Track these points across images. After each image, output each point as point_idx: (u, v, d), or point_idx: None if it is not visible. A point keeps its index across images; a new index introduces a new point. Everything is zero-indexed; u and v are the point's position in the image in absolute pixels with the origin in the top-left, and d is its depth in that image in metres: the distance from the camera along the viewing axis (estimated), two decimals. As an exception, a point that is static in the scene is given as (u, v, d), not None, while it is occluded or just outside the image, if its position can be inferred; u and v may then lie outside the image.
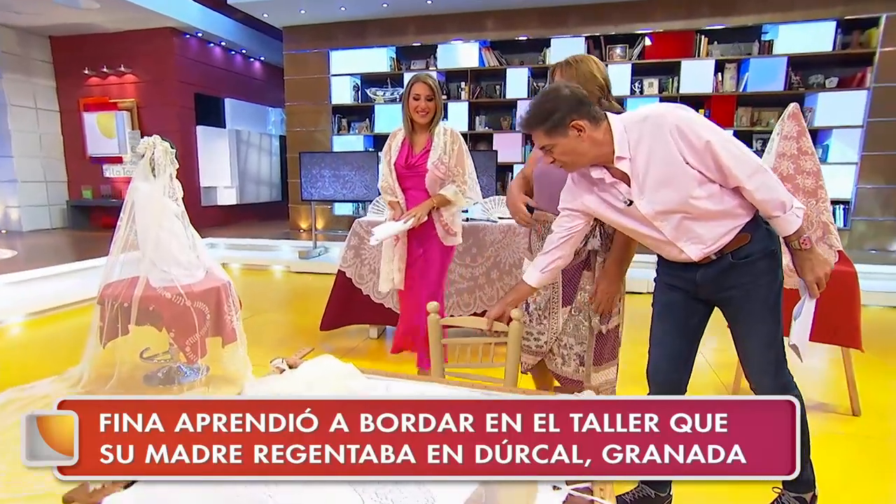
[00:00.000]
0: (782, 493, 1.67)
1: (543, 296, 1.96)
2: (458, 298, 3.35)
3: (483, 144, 7.13)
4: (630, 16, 6.59)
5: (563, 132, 1.49)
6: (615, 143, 1.49)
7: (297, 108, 7.62)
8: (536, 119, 1.51)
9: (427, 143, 2.59)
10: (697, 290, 1.62)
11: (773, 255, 1.54)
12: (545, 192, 1.93)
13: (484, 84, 7.10)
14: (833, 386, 2.96)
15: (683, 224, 1.51)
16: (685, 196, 1.47)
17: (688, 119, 1.44)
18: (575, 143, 1.50)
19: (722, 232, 1.50)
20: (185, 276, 2.67)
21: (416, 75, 2.52)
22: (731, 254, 1.52)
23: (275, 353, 2.96)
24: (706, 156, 1.43)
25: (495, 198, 3.73)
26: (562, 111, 1.48)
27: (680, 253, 1.56)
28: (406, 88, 2.54)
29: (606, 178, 1.54)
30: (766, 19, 6.33)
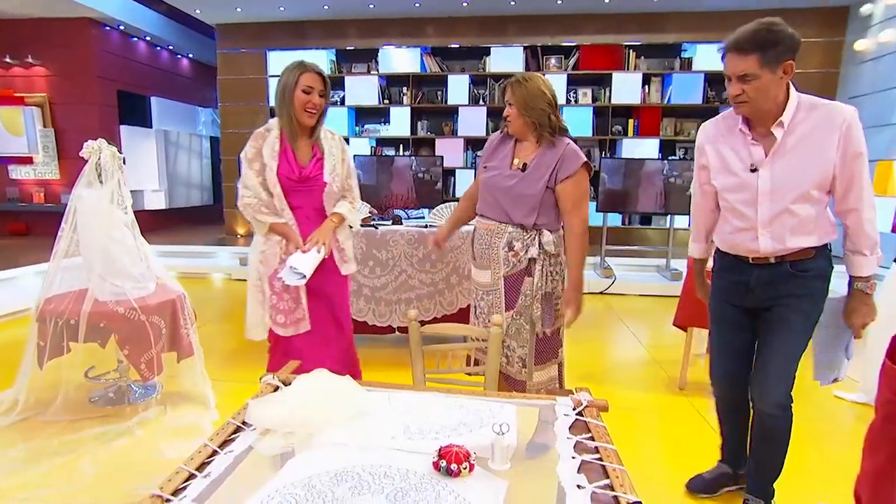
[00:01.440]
0: (749, 499, 1.81)
1: (487, 301, 2.08)
2: (419, 304, 3.39)
3: (425, 150, 7.20)
4: (565, 28, 6.90)
5: (774, 67, 1.46)
6: (787, 108, 1.51)
7: (232, 109, 7.32)
8: (756, 44, 1.44)
9: (314, 149, 2.12)
10: (748, 297, 1.69)
11: (825, 278, 1.63)
12: (489, 199, 2.06)
13: (425, 89, 7.16)
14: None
15: (781, 216, 1.56)
16: (807, 188, 1.52)
17: (859, 126, 1.49)
18: (776, 83, 1.48)
19: (801, 241, 1.58)
20: (136, 289, 2.52)
21: (303, 63, 2.02)
22: (790, 263, 1.61)
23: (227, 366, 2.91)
24: (851, 164, 1.50)
25: (452, 204, 3.80)
26: (785, 45, 1.45)
27: (752, 241, 1.61)
28: (289, 78, 1.99)
29: (748, 136, 1.58)
30: (686, 38, 6.85)
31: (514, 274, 2.02)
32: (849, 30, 6.60)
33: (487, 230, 2.05)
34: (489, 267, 2.06)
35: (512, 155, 2.05)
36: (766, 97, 1.51)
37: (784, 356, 1.65)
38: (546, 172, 1.97)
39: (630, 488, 1.01)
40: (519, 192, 1.98)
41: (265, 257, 2.10)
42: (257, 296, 2.12)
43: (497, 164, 2.06)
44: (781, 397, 1.67)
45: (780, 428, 1.70)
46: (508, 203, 2.00)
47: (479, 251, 2.08)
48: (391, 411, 1.33)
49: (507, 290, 2.03)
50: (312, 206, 2.13)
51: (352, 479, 1.02)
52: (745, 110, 1.57)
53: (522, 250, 1.99)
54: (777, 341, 1.66)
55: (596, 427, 1.27)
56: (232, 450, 1.14)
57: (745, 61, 1.47)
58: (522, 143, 2.06)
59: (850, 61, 6.56)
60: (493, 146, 2.14)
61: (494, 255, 2.03)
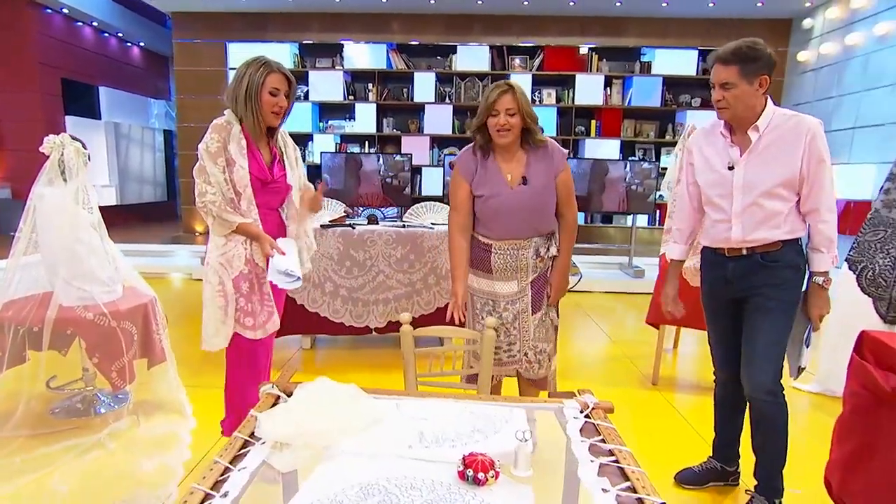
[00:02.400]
0: (753, 496, 1.88)
1: (512, 310, 2.03)
2: (397, 304, 3.36)
3: (391, 147, 7.14)
4: (530, 28, 7.00)
5: (751, 80, 1.68)
6: (762, 116, 1.73)
7: (191, 102, 7.03)
8: (739, 57, 1.68)
9: (272, 150, 2.05)
10: (728, 289, 1.86)
11: (795, 268, 1.79)
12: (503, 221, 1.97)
13: (391, 86, 7.10)
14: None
15: (751, 208, 1.77)
16: (772, 185, 1.73)
17: (822, 136, 1.71)
18: (752, 93, 1.70)
19: (769, 234, 1.77)
20: (104, 294, 2.39)
21: (268, 62, 1.90)
22: (760, 255, 1.78)
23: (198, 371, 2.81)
24: (815, 170, 1.70)
25: (427, 203, 3.79)
26: (762, 62, 1.68)
27: (727, 231, 1.81)
28: (254, 77, 1.88)
29: (728, 139, 1.80)
30: (645, 43, 7.08)
31: (539, 277, 2.05)
32: (792, 41, 6.99)
33: (513, 245, 2.00)
34: (514, 277, 2.03)
35: (500, 172, 1.98)
36: (744, 105, 1.71)
37: (765, 343, 1.79)
38: (549, 176, 1.98)
39: (652, 489, 1.04)
40: (534, 206, 1.97)
41: (228, 259, 1.95)
42: (218, 301, 1.95)
43: (490, 186, 1.97)
44: (769, 383, 1.78)
45: (773, 413, 1.80)
46: (529, 219, 1.98)
47: (500, 265, 2.01)
48: (402, 419, 1.31)
49: (534, 294, 2.04)
50: (269, 206, 2.04)
51: (379, 493, 1.01)
52: (725, 115, 1.78)
53: (546, 253, 2.04)
54: (757, 329, 1.81)
55: (606, 429, 1.30)
56: (245, 466, 1.10)
57: (727, 71, 1.70)
58: (504, 156, 1.98)
59: (793, 71, 6.96)
60: (472, 168, 2.00)
61: (522, 265, 2.01)
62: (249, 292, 1.99)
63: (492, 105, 1.90)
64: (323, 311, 3.31)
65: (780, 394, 1.81)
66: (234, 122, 1.93)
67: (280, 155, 2.06)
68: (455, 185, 2.04)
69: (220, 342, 1.99)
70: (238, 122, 1.94)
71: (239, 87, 1.91)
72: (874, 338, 1.76)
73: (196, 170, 1.92)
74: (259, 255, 1.99)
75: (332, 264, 3.29)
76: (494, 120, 1.90)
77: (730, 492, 2.07)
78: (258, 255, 1.99)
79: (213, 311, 1.96)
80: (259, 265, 1.99)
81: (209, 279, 1.98)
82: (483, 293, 2.08)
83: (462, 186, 2.02)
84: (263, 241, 1.96)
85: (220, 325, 1.97)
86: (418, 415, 1.33)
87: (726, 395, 2.05)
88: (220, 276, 1.96)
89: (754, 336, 1.82)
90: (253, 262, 1.98)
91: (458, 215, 2.03)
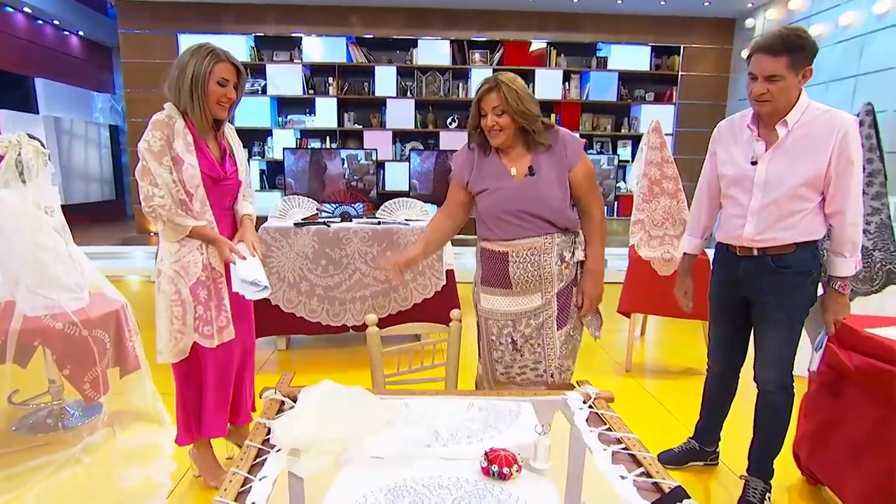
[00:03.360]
0: (749, 479, 1.95)
1: (534, 325, 1.82)
2: (374, 301, 3.35)
3: (353, 142, 7.04)
4: (489, 23, 7.04)
5: (797, 71, 1.59)
6: (794, 110, 1.64)
7: (141, 96, 6.69)
8: (788, 46, 1.56)
9: (221, 144, 1.91)
10: (739, 288, 1.83)
11: (808, 273, 1.73)
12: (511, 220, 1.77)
13: (352, 80, 6.99)
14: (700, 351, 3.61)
15: (769, 207, 1.70)
16: (796, 184, 1.65)
17: (856, 135, 1.62)
18: (796, 85, 1.61)
19: (782, 235, 1.71)
20: (72, 301, 2.26)
21: (215, 51, 1.76)
22: (771, 257, 1.73)
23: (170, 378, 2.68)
24: (843, 170, 1.61)
25: (400, 199, 3.78)
26: (807, 52, 1.58)
27: (741, 227, 1.76)
28: (200, 67, 1.73)
29: (754, 132, 1.72)
30: (601, 38, 7.26)
31: (567, 287, 1.83)
32: (736, 39, 7.33)
33: (531, 250, 1.78)
34: (538, 289, 1.80)
35: (503, 166, 1.79)
36: (787, 96, 1.62)
37: (776, 345, 1.80)
38: (562, 170, 1.77)
39: (665, 473, 1.10)
40: (543, 198, 1.74)
41: (183, 266, 1.82)
42: (174, 311, 1.83)
43: (492, 182, 1.79)
44: (779, 378, 1.81)
45: (780, 403, 1.85)
46: (540, 212, 1.76)
47: (520, 276, 1.79)
48: (414, 418, 1.32)
49: (560, 308, 1.83)
50: (222, 206, 1.90)
51: (408, 494, 1.02)
52: (767, 109, 1.66)
53: (571, 258, 1.83)
54: (768, 333, 1.81)
55: (611, 418, 1.35)
56: (265, 475, 1.09)
57: (776, 62, 1.58)
58: (507, 153, 1.80)
59: (738, 67, 7.30)
60: (471, 165, 1.83)
61: (547, 273, 1.79)
62: (207, 299, 1.87)
63: (477, 104, 1.74)
64: (299, 311, 3.25)
65: (790, 386, 1.83)
66: (176, 117, 1.79)
67: (229, 149, 1.94)
68: (450, 184, 1.90)
69: (179, 353, 1.89)
70: (181, 115, 1.79)
71: (182, 78, 1.76)
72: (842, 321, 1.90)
73: (139, 171, 1.76)
74: (217, 259, 1.87)
75: (307, 263, 3.23)
76: (484, 120, 1.74)
77: (711, 471, 2.18)
78: (215, 259, 1.86)
79: (169, 321, 1.85)
80: (217, 270, 1.87)
81: (163, 288, 1.85)
82: (500, 315, 1.84)
83: (455, 187, 1.87)
84: (221, 245, 1.84)
85: (177, 335, 1.86)
86: (429, 413, 1.35)
87: (718, 386, 2.10)
88: (175, 285, 1.83)
89: (766, 340, 1.81)
90: (210, 268, 1.86)
91: (446, 207, 1.91)
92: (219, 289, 1.89)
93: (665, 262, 3.32)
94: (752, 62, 1.65)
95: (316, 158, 5.38)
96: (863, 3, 5.34)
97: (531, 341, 1.84)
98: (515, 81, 1.73)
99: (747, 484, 1.94)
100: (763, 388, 1.86)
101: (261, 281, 1.83)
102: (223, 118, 1.88)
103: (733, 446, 2.19)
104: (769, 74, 1.60)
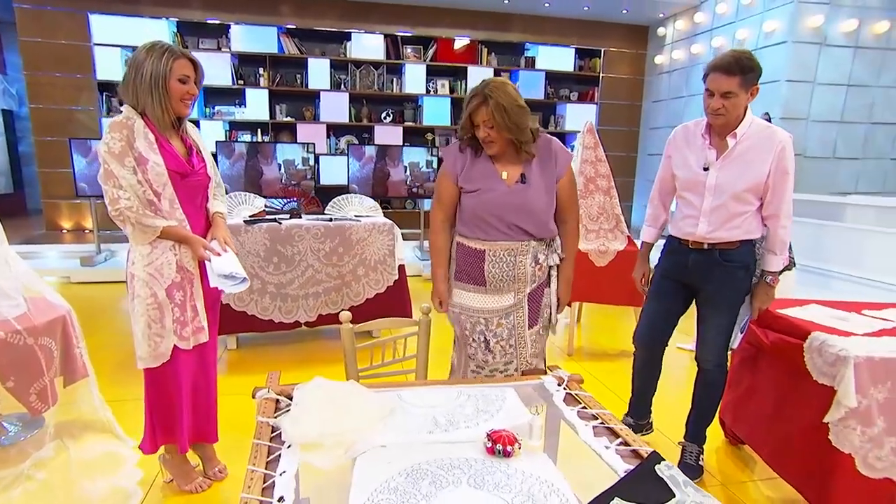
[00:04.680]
0: (686, 444, 2.20)
1: (506, 324, 1.91)
2: (327, 297, 3.36)
3: (285, 135, 6.87)
4: (424, 19, 7.11)
5: (747, 89, 1.81)
6: (742, 123, 1.88)
7: (46, 80, 6.10)
8: (741, 68, 1.78)
9: (185, 141, 1.89)
10: (686, 274, 2.05)
11: (748, 268, 1.99)
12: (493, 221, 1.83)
13: (283, 71, 6.80)
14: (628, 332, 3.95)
15: (719, 209, 1.92)
16: (741, 189, 1.88)
17: (791, 149, 1.88)
18: (745, 101, 1.83)
19: (730, 233, 1.94)
20: (11, 308, 2.11)
21: (170, 48, 1.74)
22: (719, 251, 1.97)
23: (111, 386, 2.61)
24: (779, 180, 1.87)
25: (348, 196, 3.80)
26: (756, 73, 1.81)
27: (694, 226, 1.97)
28: (158, 66, 1.71)
29: (707, 142, 1.94)
30: (529, 38, 7.56)
31: (538, 287, 1.93)
32: (649, 46, 7.92)
33: (508, 250, 1.85)
34: (511, 289, 1.88)
35: (495, 170, 1.85)
36: (736, 112, 1.85)
37: (716, 329, 2.05)
38: (551, 180, 1.86)
39: (641, 442, 1.28)
40: (533, 207, 1.83)
41: (157, 269, 1.79)
42: (151, 314, 1.80)
43: (483, 182, 1.84)
44: (717, 358, 2.07)
45: (718, 380, 2.11)
46: (527, 221, 1.84)
47: (495, 275, 1.86)
48: (411, 407, 1.41)
49: (530, 308, 1.92)
50: (193, 204, 1.87)
51: (427, 475, 1.12)
52: (720, 121, 1.88)
53: (545, 261, 1.92)
54: (707, 317, 2.06)
55: (585, 397, 1.52)
56: (284, 470, 1.14)
57: (729, 81, 1.80)
58: (500, 159, 1.87)
59: (651, 71, 7.90)
60: (461, 163, 1.88)
61: (521, 274, 1.87)
62: (183, 301, 1.85)
63: (469, 117, 1.79)
64: (251, 309, 3.20)
65: (725, 364, 2.10)
66: (134, 117, 1.75)
67: (195, 146, 1.91)
68: (441, 175, 1.93)
69: (160, 357, 1.85)
70: (139, 116, 1.76)
71: (139, 78, 1.73)
72: (757, 304, 2.20)
73: (102, 176, 1.73)
74: (190, 259, 1.84)
75: (258, 261, 3.18)
76: (476, 131, 1.80)
77: (648, 440, 2.45)
78: (188, 259, 1.84)
79: (147, 326, 1.80)
80: (190, 271, 1.85)
81: (138, 293, 1.80)
82: (473, 311, 1.92)
83: (447, 183, 1.90)
84: (194, 243, 1.81)
85: (156, 339, 1.83)
86: (423, 402, 1.44)
87: (645, 364, 2.33)
88: (151, 288, 1.80)
89: (708, 324, 2.05)
90: (184, 269, 1.84)
91: (442, 210, 1.93)
92: (192, 290, 1.86)
93: (601, 253, 3.60)
94: (709, 80, 1.86)
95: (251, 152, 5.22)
96: (755, 22, 5.98)
97: (502, 342, 1.91)
98: (505, 93, 1.74)
99: (684, 449, 2.20)
100: (704, 367, 2.11)
101: (238, 273, 1.82)
102: (186, 115, 1.86)
103: (665, 416, 2.47)
104: (725, 91, 1.81)
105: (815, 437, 1.80)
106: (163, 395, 1.90)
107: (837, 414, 1.70)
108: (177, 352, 1.86)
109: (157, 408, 1.92)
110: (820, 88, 5.71)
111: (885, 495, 1.75)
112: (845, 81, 5.73)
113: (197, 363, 1.93)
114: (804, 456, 1.86)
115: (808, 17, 5.53)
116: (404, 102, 7.28)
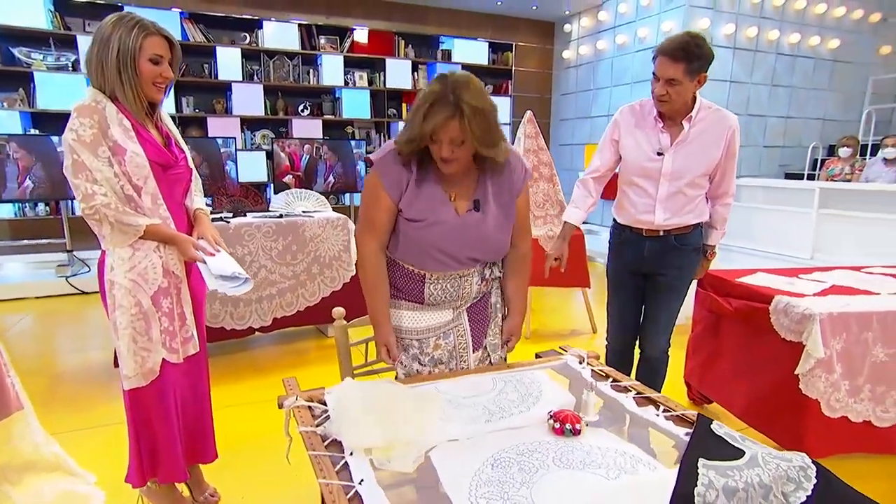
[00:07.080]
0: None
1: (444, 347, 1.62)
2: (281, 299, 3.17)
3: (194, 130, 6.33)
4: (336, 8, 6.89)
5: (692, 77, 1.78)
6: (693, 109, 1.88)
7: None
8: (686, 55, 1.74)
9: (161, 129, 1.69)
10: (643, 264, 2.05)
11: (699, 249, 2.06)
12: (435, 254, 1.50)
13: (190, 61, 6.24)
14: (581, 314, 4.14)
15: (676, 196, 1.93)
16: (696, 174, 1.91)
17: (738, 132, 1.93)
18: (692, 89, 1.81)
19: (685, 218, 1.97)
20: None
21: (141, 21, 1.53)
22: (674, 236, 1.99)
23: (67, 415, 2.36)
24: (729, 161, 1.94)
25: (294, 191, 3.60)
26: (703, 60, 1.78)
27: (650, 214, 1.96)
28: (127, 42, 1.49)
29: (660, 125, 1.92)
30: (444, 32, 7.61)
31: (480, 301, 1.65)
32: (557, 41, 8.32)
33: (453, 276, 1.56)
34: (450, 306, 1.59)
35: (442, 191, 1.48)
36: (683, 99, 1.83)
37: (668, 314, 2.08)
38: (509, 194, 1.54)
39: (682, 407, 1.36)
40: (488, 238, 1.52)
41: (140, 274, 1.58)
42: (137, 326, 1.59)
43: (429, 211, 1.47)
44: (665, 344, 2.13)
45: (663, 367, 2.22)
46: (481, 252, 1.55)
47: (438, 296, 1.56)
48: (458, 399, 1.38)
49: (473, 329, 1.65)
50: (175, 199, 1.67)
51: (512, 463, 1.10)
52: (665, 108, 1.87)
53: (490, 275, 1.65)
54: (663, 304, 2.07)
55: (611, 371, 1.58)
56: (362, 478, 1.07)
57: (675, 68, 1.76)
58: (450, 181, 1.49)
59: (559, 66, 8.31)
60: (402, 182, 1.46)
61: (465, 293, 1.59)
62: (171, 309, 1.65)
63: (431, 132, 1.35)
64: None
65: (668, 350, 2.18)
66: (104, 101, 1.53)
67: (171, 135, 1.72)
68: (374, 196, 1.48)
69: (149, 374, 1.63)
70: (109, 100, 1.54)
71: (106, 55, 1.50)
72: (712, 275, 2.42)
73: (70, 169, 1.50)
74: (176, 261, 1.64)
75: (206, 266, 2.92)
76: (435, 147, 1.39)
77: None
78: (174, 261, 1.64)
79: (132, 340, 1.58)
80: (178, 275, 1.66)
81: (120, 303, 1.57)
82: (406, 331, 1.60)
83: (385, 204, 1.48)
84: (182, 243, 1.61)
85: (143, 354, 1.61)
86: (467, 392, 1.42)
87: (621, 361, 2.27)
88: (134, 297, 1.58)
89: (659, 309, 2.07)
90: (171, 273, 1.64)
91: (375, 239, 1.51)
92: (181, 296, 1.66)
93: (549, 238, 3.75)
94: (656, 63, 1.82)
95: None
96: (653, 21, 6.51)
97: (442, 364, 1.63)
98: (480, 97, 1.36)
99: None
100: (651, 356, 2.14)
101: (240, 273, 1.65)
102: (159, 100, 1.64)
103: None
104: (669, 78, 1.78)
105: (784, 387, 2.02)
106: (150, 417, 1.68)
107: (807, 365, 1.92)
108: (166, 366, 1.65)
109: (143, 433, 1.69)
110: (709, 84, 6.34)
111: (844, 432, 2.01)
112: (728, 78, 6.43)
113: (186, 377, 1.73)
114: (776, 406, 2.08)
115: (697, 20, 6.11)
116: (322, 95, 7.01)
